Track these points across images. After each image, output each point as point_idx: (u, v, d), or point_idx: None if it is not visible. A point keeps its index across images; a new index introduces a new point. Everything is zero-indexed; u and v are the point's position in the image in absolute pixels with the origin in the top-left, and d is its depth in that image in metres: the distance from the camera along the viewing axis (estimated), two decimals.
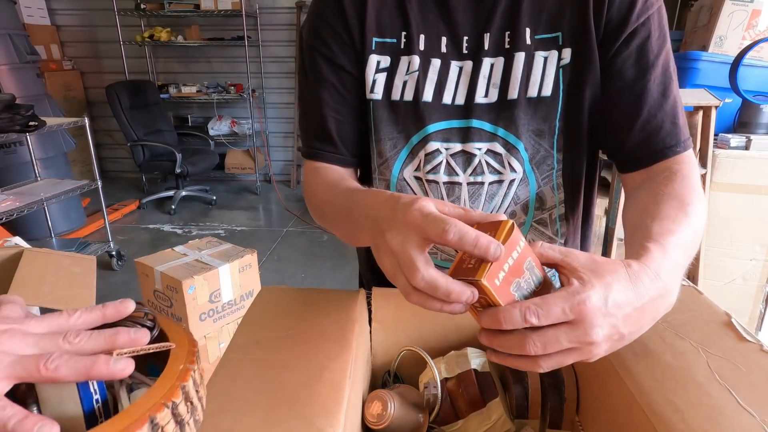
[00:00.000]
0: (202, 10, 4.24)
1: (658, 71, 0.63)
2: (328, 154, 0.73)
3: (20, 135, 2.45)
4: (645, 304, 0.41)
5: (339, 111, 0.71)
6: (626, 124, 0.65)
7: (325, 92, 0.71)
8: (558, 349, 0.38)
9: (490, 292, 0.38)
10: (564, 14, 0.64)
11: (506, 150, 0.67)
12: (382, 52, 0.68)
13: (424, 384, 0.59)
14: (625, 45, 0.63)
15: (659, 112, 0.63)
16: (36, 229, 3.18)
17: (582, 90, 0.65)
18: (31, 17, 4.28)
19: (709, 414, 0.38)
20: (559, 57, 0.64)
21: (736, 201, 1.91)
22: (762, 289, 1.98)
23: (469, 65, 0.66)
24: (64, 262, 1.59)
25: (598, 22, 0.63)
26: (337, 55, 0.69)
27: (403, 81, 0.67)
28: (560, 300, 0.38)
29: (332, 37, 0.69)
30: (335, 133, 0.72)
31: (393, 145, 0.70)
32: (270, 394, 0.42)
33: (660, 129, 0.63)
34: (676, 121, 0.64)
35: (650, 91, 0.63)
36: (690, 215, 0.52)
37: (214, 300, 1.84)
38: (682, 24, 3.18)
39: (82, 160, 4.40)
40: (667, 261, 0.44)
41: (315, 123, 0.73)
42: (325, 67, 0.70)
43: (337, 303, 0.58)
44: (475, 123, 0.67)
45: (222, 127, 4.78)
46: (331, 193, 0.66)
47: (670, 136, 0.63)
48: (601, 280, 0.39)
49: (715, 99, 1.84)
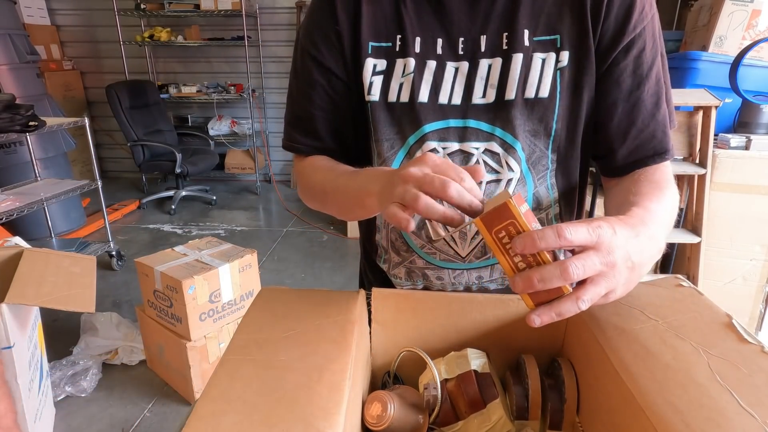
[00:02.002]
0: (202, 10, 4.23)
1: (652, 81, 0.65)
2: (314, 148, 0.76)
3: (20, 135, 2.45)
4: (641, 239, 0.46)
5: (328, 111, 0.74)
6: (620, 133, 0.68)
7: (314, 93, 0.73)
8: (594, 271, 0.42)
9: (519, 215, 0.42)
10: (563, 18, 0.64)
11: (503, 149, 0.67)
12: (378, 55, 0.69)
13: (424, 385, 0.59)
14: (623, 55, 0.64)
15: (652, 122, 0.67)
16: (36, 229, 3.18)
17: (579, 92, 0.66)
18: (31, 17, 4.29)
19: (709, 415, 0.38)
20: (557, 59, 0.65)
21: (736, 201, 1.91)
22: (762, 289, 1.98)
23: (465, 66, 0.67)
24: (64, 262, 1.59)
25: (594, 29, 0.64)
26: (327, 58, 0.71)
27: (399, 83, 0.68)
28: (583, 224, 0.42)
29: (323, 40, 0.71)
30: (324, 131, 0.75)
31: (390, 146, 0.71)
32: (269, 395, 0.42)
33: (652, 138, 0.67)
34: (666, 131, 0.68)
35: (645, 102, 0.66)
36: (665, 195, 0.61)
37: (214, 300, 1.84)
38: (682, 24, 3.18)
39: (82, 160, 4.40)
40: (650, 214, 0.52)
41: (303, 121, 0.75)
42: (315, 69, 0.72)
43: (336, 304, 0.58)
44: (472, 123, 0.67)
45: (222, 127, 4.78)
46: (329, 173, 0.70)
47: (660, 144, 0.67)
48: (602, 219, 0.44)
49: (715, 99, 1.84)
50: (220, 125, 4.77)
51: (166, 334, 1.86)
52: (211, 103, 4.76)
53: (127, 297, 2.69)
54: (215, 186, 4.89)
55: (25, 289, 1.37)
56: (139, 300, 2.47)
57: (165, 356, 1.94)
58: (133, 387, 2.00)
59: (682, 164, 1.93)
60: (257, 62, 4.68)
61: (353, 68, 0.71)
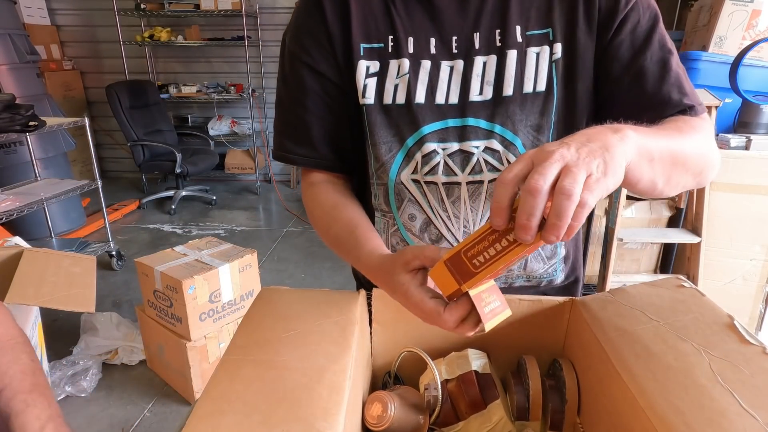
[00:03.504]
0: (202, 10, 4.23)
1: (654, 47, 0.63)
2: (310, 159, 0.73)
3: (20, 135, 2.45)
4: (586, 131, 0.43)
5: (323, 118, 0.72)
6: (632, 107, 0.64)
7: (308, 100, 0.71)
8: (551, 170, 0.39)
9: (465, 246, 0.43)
10: (553, 10, 0.65)
11: (504, 147, 0.67)
12: (371, 57, 0.68)
13: (425, 385, 0.59)
14: (618, 32, 0.64)
15: (664, 85, 0.63)
16: (36, 229, 3.18)
17: (575, 84, 0.66)
18: (31, 17, 4.28)
19: (711, 416, 0.38)
20: (551, 52, 0.65)
21: (736, 201, 1.91)
22: (762, 289, 1.98)
23: (461, 64, 0.67)
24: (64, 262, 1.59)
25: (591, 14, 0.63)
26: (319, 62, 0.69)
27: (394, 84, 0.68)
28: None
29: (314, 44, 0.69)
30: (320, 140, 0.72)
31: (388, 149, 0.70)
32: (269, 395, 0.42)
33: (668, 101, 0.63)
34: (683, 89, 0.63)
35: (648, 68, 0.63)
36: (683, 132, 0.56)
37: (214, 300, 1.83)
38: (682, 24, 3.18)
39: (82, 160, 4.40)
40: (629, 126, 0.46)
41: (297, 130, 0.73)
42: (308, 75, 0.70)
43: (337, 304, 0.58)
44: (471, 121, 0.67)
45: (222, 127, 4.78)
46: (332, 225, 0.68)
47: (679, 104, 0.63)
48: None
49: (715, 99, 1.84)
50: (220, 125, 4.77)
51: (166, 334, 1.86)
52: (211, 103, 4.76)
53: (127, 297, 2.69)
54: (215, 186, 4.88)
55: (25, 289, 1.37)
56: (139, 300, 2.46)
57: (165, 356, 1.94)
58: (133, 387, 1.99)
59: None
60: (257, 62, 4.67)
61: (346, 71, 0.69)
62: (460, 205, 0.69)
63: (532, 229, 0.39)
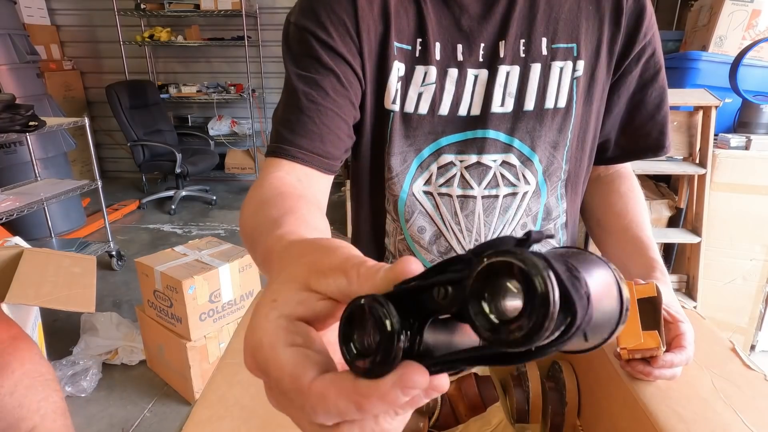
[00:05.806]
0: (202, 10, 4.23)
1: (657, 84, 0.67)
2: (314, 157, 0.60)
3: (20, 135, 2.45)
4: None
5: (338, 105, 0.60)
6: (617, 127, 0.71)
7: (325, 81, 0.59)
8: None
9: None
10: (580, 27, 0.63)
11: (521, 162, 0.66)
12: (399, 58, 0.63)
13: None
14: (634, 63, 0.65)
15: (650, 122, 0.69)
16: (36, 229, 3.18)
17: (591, 103, 0.66)
18: (31, 17, 4.28)
19: (714, 429, 0.38)
20: (574, 68, 0.64)
21: (736, 201, 1.91)
22: (762, 289, 1.98)
23: (485, 74, 0.64)
24: (64, 262, 1.59)
25: (615, 38, 0.64)
26: (338, 43, 0.59)
27: (418, 92, 0.63)
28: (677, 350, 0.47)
29: (335, 25, 0.59)
30: (330, 133, 0.60)
31: (402, 160, 0.67)
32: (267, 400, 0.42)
33: (647, 137, 0.70)
34: (663, 131, 0.70)
35: (646, 104, 0.68)
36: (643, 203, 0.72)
37: (214, 300, 1.83)
38: (682, 24, 3.17)
39: (82, 160, 4.40)
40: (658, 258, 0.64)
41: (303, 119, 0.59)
42: (325, 54, 0.59)
43: None
44: (491, 134, 0.65)
45: (222, 127, 4.77)
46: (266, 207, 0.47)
47: (655, 143, 0.71)
48: (681, 322, 0.49)
49: (715, 99, 1.84)
50: (220, 125, 4.77)
51: (166, 334, 1.86)
52: (211, 103, 4.76)
53: (127, 297, 2.68)
54: (215, 186, 4.88)
55: (25, 289, 1.37)
56: (139, 300, 2.46)
57: (165, 356, 1.94)
58: (133, 387, 1.99)
59: (682, 164, 1.93)
60: (257, 62, 4.67)
61: (376, 69, 0.62)
62: (474, 219, 0.67)
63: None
